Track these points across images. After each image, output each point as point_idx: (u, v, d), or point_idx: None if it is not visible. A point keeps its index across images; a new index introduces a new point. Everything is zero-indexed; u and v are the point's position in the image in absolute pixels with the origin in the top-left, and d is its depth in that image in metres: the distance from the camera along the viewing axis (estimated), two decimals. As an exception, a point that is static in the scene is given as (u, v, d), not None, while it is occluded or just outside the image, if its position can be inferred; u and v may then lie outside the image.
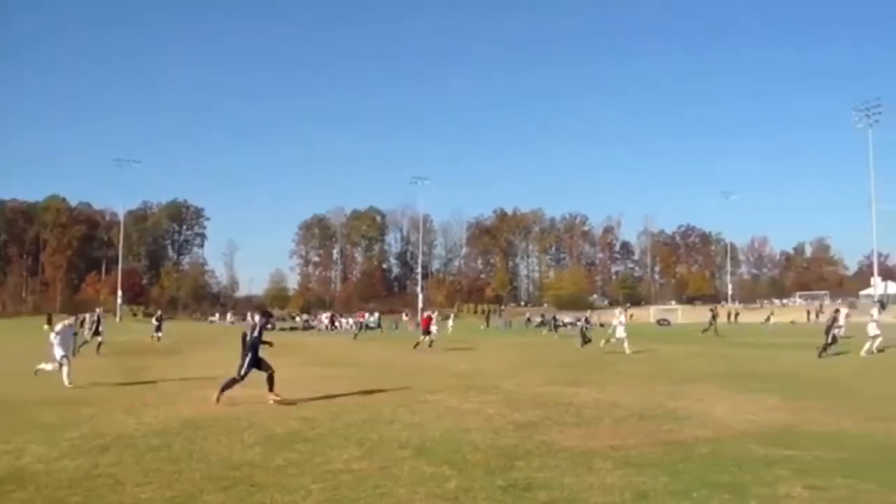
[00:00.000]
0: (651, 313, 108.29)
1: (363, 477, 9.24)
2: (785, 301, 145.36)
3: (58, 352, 20.13)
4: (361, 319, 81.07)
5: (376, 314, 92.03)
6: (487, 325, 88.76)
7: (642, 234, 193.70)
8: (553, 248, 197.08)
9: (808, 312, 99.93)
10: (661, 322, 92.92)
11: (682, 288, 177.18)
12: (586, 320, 37.62)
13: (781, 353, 33.19)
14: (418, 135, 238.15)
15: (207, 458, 10.53)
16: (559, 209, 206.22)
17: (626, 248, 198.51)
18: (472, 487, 8.65)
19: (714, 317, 57.40)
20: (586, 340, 35.68)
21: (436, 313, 50.40)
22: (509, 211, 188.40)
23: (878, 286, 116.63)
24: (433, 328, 40.49)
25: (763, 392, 17.95)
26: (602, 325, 53.12)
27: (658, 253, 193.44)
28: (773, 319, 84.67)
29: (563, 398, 17.16)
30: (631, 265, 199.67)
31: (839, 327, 32.19)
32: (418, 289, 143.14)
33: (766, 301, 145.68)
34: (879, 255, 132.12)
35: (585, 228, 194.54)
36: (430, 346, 38.28)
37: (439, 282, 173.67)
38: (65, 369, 20.00)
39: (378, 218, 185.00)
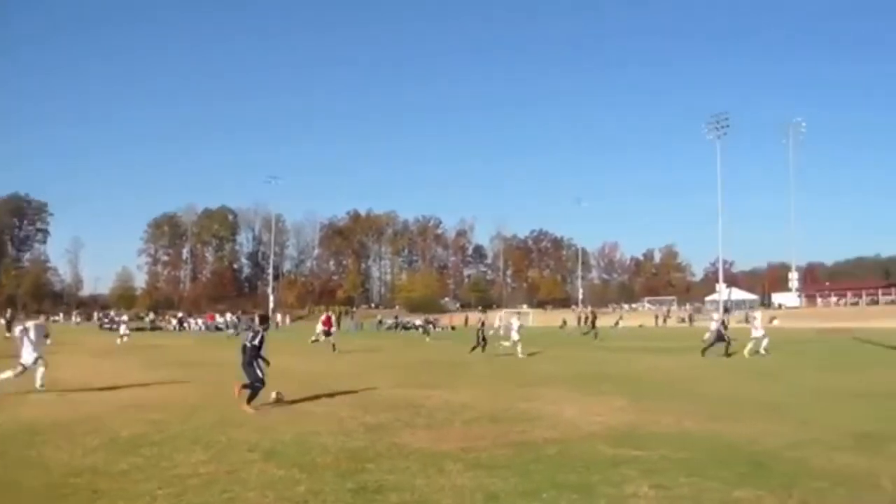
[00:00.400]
0: (502, 317, 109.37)
1: (211, 481, 9.03)
2: (634, 305, 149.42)
3: (29, 354, 18.61)
4: (210, 321, 79.63)
5: (228, 315, 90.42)
6: (339, 328, 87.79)
7: (495, 238, 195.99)
8: (406, 251, 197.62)
9: (657, 317, 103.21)
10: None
11: (534, 292, 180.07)
12: (482, 323, 36.75)
13: (629, 356, 34.09)
14: (272, 133, 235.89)
15: (46, 464, 10.10)
16: (413, 211, 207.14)
17: (479, 252, 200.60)
18: (323, 490, 8.56)
19: (594, 319, 58.75)
20: (482, 343, 34.73)
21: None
22: (363, 212, 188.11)
23: (722, 292, 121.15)
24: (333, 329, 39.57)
25: (611, 394, 18.32)
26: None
27: (510, 257, 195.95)
28: (621, 323, 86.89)
29: (415, 400, 17.17)
30: (483, 269, 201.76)
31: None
32: (269, 289, 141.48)
33: (615, 305, 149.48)
34: (725, 262, 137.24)
35: (439, 231, 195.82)
36: (334, 349, 36.56)
37: (291, 282, 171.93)
38: (40, 370, 18.60)
39: (230, 217, 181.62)
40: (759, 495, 8.33)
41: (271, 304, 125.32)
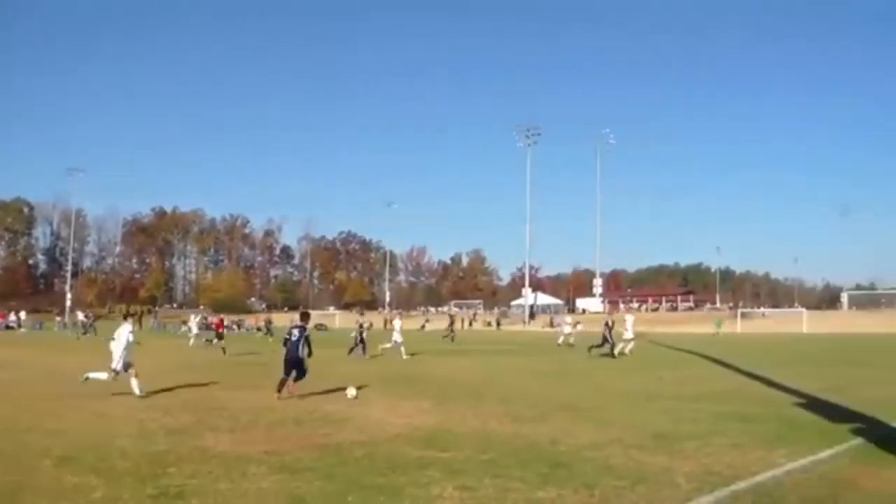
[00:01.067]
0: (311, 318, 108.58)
1: (-4, 491, 8.51)
2: (441, 309, 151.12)
3: (122, 359, 17.99)
4: (1, 319, 76.17)
5: (22, 313, 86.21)
6: (141, 327, 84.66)
7: (303, 238, 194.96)
8: (212, 250, 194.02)
9: (463, 320, 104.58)
10: (319, 327, 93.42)
11: (341, 293, 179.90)
12: (361, 325, 35.97)
13: (435, 359, 34.39)
14: (74, 123, 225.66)
15: None
16: (220, 210, 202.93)
17: (287, 252, 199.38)
18: (121, 497, 8.20)
19: (452, 323, 59.19)
20: (361, 345, 34.06)
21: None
22: (168, 209, 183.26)
23: (528, 297, 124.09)
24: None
25: (417, 396, 18.39)
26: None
27: (318, 258, 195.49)
28: (427, 326, 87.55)
29: (218, 402, 16.86)
30: (290, 269, 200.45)
31: (626, 330, 36.38)
32: (67, 287, 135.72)
33: (423, 308, 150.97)
34: (531, 267, 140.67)
35: (246, 231, 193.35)
36: (224, 353, 35.55)
37: (91, 280, 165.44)
38: (133, 379, 17.84)
39: (25, 209, 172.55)
40: (561, 494, 8.48)
41: (68, 303, 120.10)
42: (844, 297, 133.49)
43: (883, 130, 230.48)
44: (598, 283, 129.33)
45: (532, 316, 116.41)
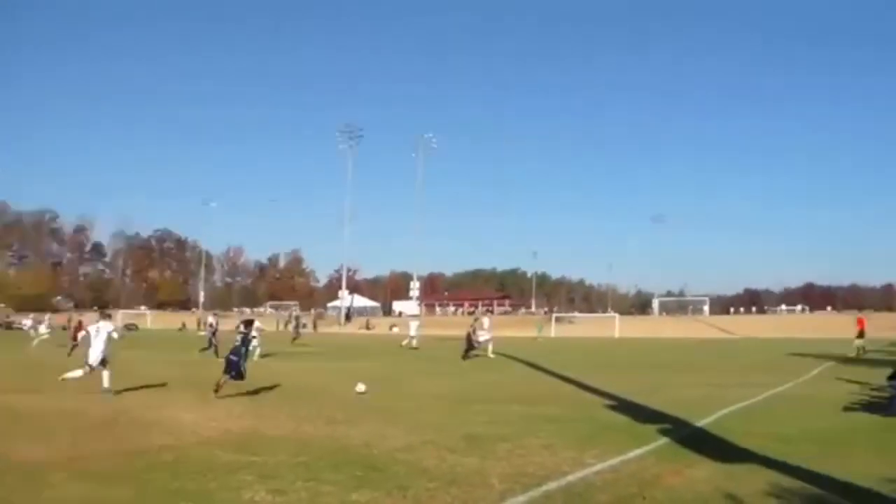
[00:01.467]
0: (120, 318, 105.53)
1: None
2: (257, 310, 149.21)
3: (97, 353, 18.80)
4: None
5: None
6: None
7: (116, 235, 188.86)
8: (16, 245, 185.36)
9: (278, 322, 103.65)
10: (129, 327, 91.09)
11: (154, 292, 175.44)
12: (212, 325, 34.45)
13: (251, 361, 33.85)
14: None
15: None
16: (27, 203, 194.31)
17: (98, 250, 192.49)
18: None
19: (298, 325, 59.08)
20: (213, 345, 33.15)
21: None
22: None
23: (345, 299, 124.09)
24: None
25: (229, 398, 18.06)
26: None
27: (131, 256, 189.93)
28: (242, 328, 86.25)
29: (20, 407, 16.14)
30: (101, 267, 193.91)
31: (483, 331, 38.00)
32: None
33: (238, 309, 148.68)
34: (349, 269, 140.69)
35: (55, 226, 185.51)
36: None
37: None
38: (105, 372, 18.81)
39: None
40: (374, 497, 8.50)
41: None
42: (655, 304, 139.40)
43: (693, 144, 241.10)
44: (415, 285, 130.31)
45: (348, 318, 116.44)
